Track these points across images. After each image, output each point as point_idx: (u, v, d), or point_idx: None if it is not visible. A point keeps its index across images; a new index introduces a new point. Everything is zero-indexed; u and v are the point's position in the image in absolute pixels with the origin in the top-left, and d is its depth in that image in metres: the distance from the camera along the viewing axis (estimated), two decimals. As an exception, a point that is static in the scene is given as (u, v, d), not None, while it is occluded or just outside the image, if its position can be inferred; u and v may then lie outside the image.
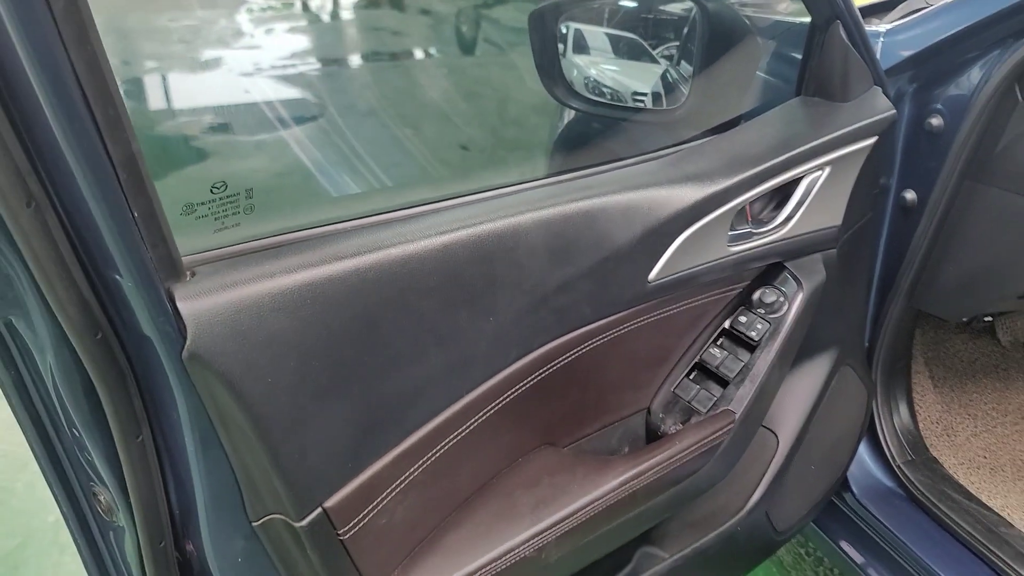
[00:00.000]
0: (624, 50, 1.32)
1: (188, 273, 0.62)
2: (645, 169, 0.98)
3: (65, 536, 1.94)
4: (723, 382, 1.06)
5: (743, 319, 1.07)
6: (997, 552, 1.34)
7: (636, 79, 1.32)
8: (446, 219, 0.80)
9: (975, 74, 1.27)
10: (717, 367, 1.05)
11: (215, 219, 0.68)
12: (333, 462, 0.73)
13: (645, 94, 1.26)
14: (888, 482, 1.53)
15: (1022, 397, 1.90)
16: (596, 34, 1.32)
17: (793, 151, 1.04)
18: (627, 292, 0.94)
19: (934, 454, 1.62)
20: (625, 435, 1.06)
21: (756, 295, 1.08)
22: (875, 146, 1.11)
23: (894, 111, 1.12)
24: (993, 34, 1.22)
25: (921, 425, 1.75)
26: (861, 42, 1.10)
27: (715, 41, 1.15)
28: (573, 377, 0.95)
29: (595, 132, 1.19)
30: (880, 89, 1.15)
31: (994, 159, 1.31)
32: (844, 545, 1.55)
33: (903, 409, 1.59)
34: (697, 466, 1.02)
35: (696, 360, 1.08)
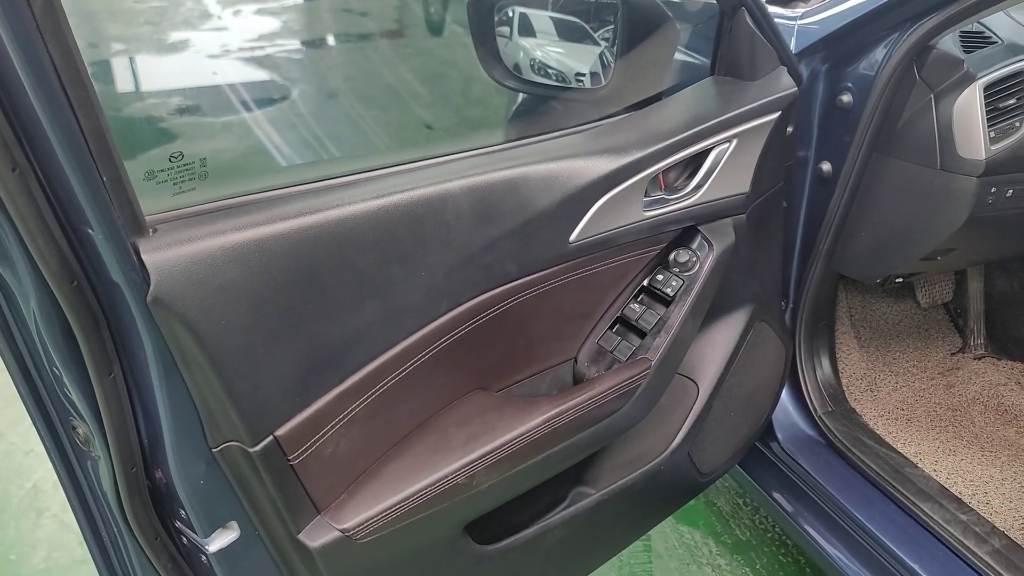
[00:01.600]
0: (559, 32, 1.42)
1: (151, 229, 0.73)
2: (566, 142, 1.10)
3: (42, 501, 2.04)
4: (642, 333, 1.17)
5: (660, 277, 1.19)
6: (902, 490, 1.48)
7: (571, 60, 1.43)
8: (382, 185, 0.91)
9: (879, 54, 1.39)
10: (636, 320, 1.17)
11: (173, 184, 0.78)
12: (282, 396, 0.84)
13: (578, 75, 1.36)
14: (810, 431, 1.66)
15: (940, 354, 2.05)
16: (534, 17, 1.43)
17: (703, 125, 1.15)
18: (550, 251, 1.05)
19: (855, 406, 1.75)
20: (553, 382, 1.18)
21: (672, 255, 1.20)
22: (779, 120, 1.23)
23: (796, 89, 1.24)
24: (892, 18, 1.34)
25: (846, 380, 1.89)
26: (766, 26, 1.22)
27: (636, 27, 1.26)
28: (503, 328, 1.06)
29: (529, 107, 1.30)
30: (785, 68, 1.26)
31: (897, 132, 1.44)
32: (775, 494, 1.68)
33: (825, 364, 1.72)
34: (616, 407, 1.14)
35: (618, 314, 1.19)
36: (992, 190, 1.40)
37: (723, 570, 1.82)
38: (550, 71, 1.47)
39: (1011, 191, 1.41)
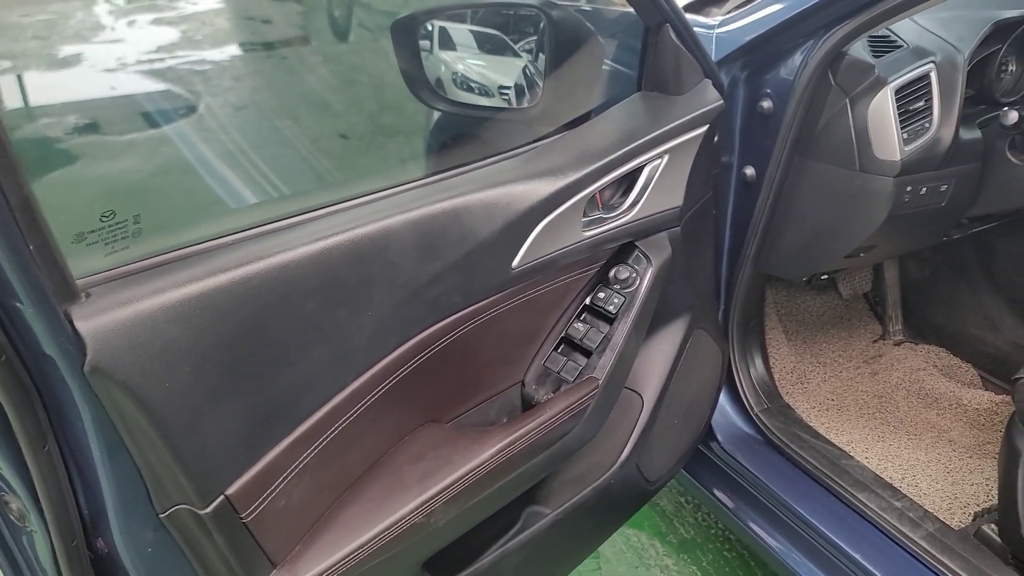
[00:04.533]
0: (487, 52, 1.41)
1: (83, 294, 0.69)
2: (503, 167, 1.09)
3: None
4: (587, 352, 1.18)
5: (601, 295, 1.19)
6: (839, 481, 1.53)
7: (497, 81, 1.42)
8: (323, 226, 0.88)
9: (796, 61, 1.42)
10: (581, 339, 1.18)
11: (105, 244, 0.74)
12: (231, 453, 0.81)
13: (505, 95, 1.35)
14: (748, 430, 1.70)
15: (863, 343, 2.13)
16: (461, 36, 1.41)
17: (634, 143, 1.16)
18: (493, 279, 1.04)
19: (788, 400, 1.80)
20: (503, 407, 1.17)
21: (612, 272, 1.20)
22: (707, 133, 1.25)
23: (722, 102, 1.26)
24: (807, 26, 1.38)
25: (778, 375, 1.94)
26: (690, 41, 1.24)
27: (561, 46, 1.26)
28: (450, 359, 1.05)
29: (462, 130, 1.28)
30: (710, 82, 1.28)
31: (816, 136, 1.48)
32: (716, 492, 1.72)
33: (758, 363, 1.76)
34: (567, 428, 1.14)
35: (563, 335, 1.19)
36: (908, 188, 1.45)
37: (671, 570, 1.85)
38: (479, 92, 1.46)
39: (924, 188, 1.47)
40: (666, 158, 1.20)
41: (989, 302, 1.98)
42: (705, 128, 1.25)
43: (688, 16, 1.64)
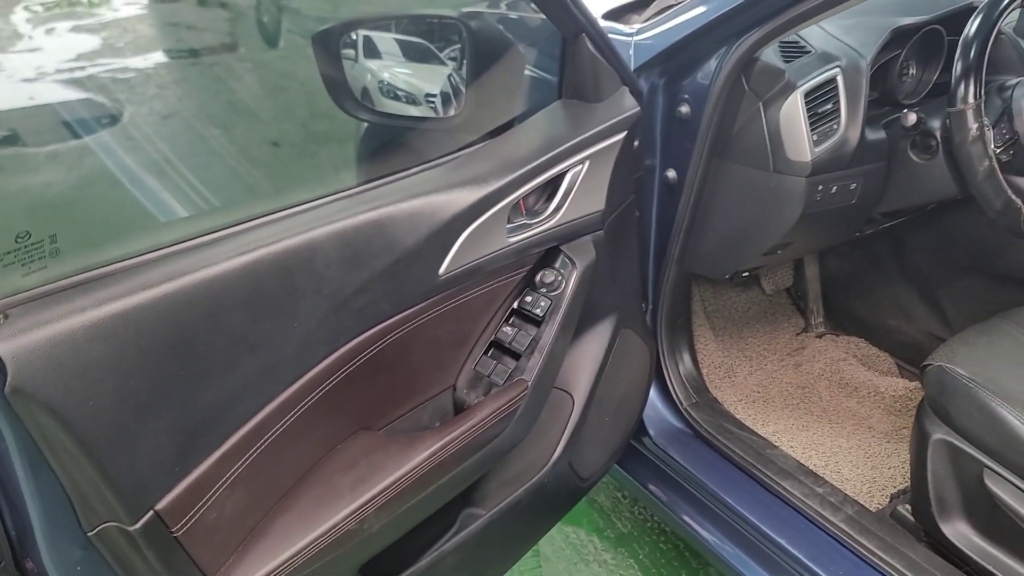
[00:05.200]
0: (413, 60, 1.43)
1: (1, 315, 0.69)
2: (428, 176, 1.11)
3: None
4: (516, 355, 1.21)
5: (528, 299, 1.22)
6: (764, 471, 1.59)
7: (423, 89, 1.44)
8: (248, 239, 0.89)
9: (711, 67, 1.48)
10: (510, 343, 1.20)
11: (22, 264, 0.74)
12: (160, 468, 0.81)
13: (432, 102, 1.37)
14: (678, 424, 1.76)
15: (787, 336, 2.20)
16: (386, 45, 1.43)
17: (556, 150, 1.20)
18: (420, 287, 1.06)
19: (716, 394, 1.86)
20: (435, 412, 1.19)
21: (538, 277, 1.23)
22: (626, 139, 1.30)
23: (638, 109, 1.31)
24: (719, 33, 1.44)
25: (706, 370, 2.00)
26: (607, 50, 1.28)
27: (482, 56, 1.28)
28: (381, 366, 1.06)
29: (387, 140, 1.30)
30: (627, 89, 1.33)
31: (733, 139, 1.54)
32: (650, 486, 1.77)
33: (687, 359, 1.82)
34: (498, 430, 1.17)
35: (492, 339, 1.22)
36: (819, 188, 1.52)
37: (609, 565, 1.90)
38: (405, 101, 1.48)
39: (835, 187, 1.54)
40: (587, 164, 1.24)
41: (903, 293, 2.08)
42: (623, 134, 1.29)
43: (608, 23, 1.70)
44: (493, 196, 1.11)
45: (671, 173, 1.59)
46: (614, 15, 1.79)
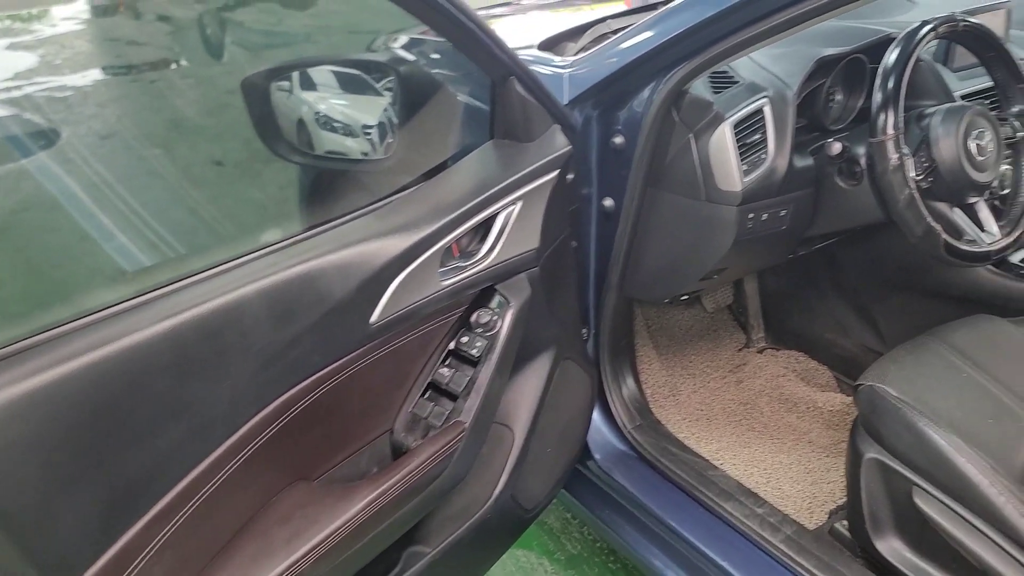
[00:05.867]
0: (344, 104, 1.43)
1: None
2: (358, 225, 1.12)
3: None
4: (453, 396, 1.22)
5: (464, 339, 1.23)
6: (706, 492, 1.62)
7: (354, 133, 1.44)
8: (173, 303, 0.89)
9: (642, 100, 1.51)
10: (447, 384, 1.21)
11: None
12: (85, 539, 0.80)
13: (361, 147, 1.37)
14: (622, 447, 1.78)
15: (729, 352, 2.25)
16: (322, 77, 1.43)
17: (488, 192, 1.21)
18: (352, 336, 1.07)
19: (661, 414, 1.90)
20: (373, 457, 1.20)
21: (474, 317, 1.25)
22: (559, 176, 1.31)
23: (570, 147, 1.33)
24: (649, 68, 1.46)
25: (650, 390, 2.03)
26: (537, 90, 1.30)
27: (413, 100, 1.29)
28: (315, 417, 1.07)
29: (319, 187, 1.30)
30: (559, 127, 1.35)
31: (666, 169, 1.57)
32: (596, 509, 1.79)
33: (630, 382, 1.84)
34: (437, 472, 1.17)
35: (429, 380, 1.23)
36: (750, 216, 1.55)
37: (560, 587, 1.92)
38: (335, 145, 1.48)
39: (766, 215, 1.58)
40: (520, 204, 1.25)
41: (838, 309, 2.13)
42: (555, 172, 1.31)
43: (544, 55, 1.72)
44: (425, 242, 1.12)
45: (608, 202, 1.62)
46: (550, 44, 1.82)
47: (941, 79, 1.72)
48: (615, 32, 1.89)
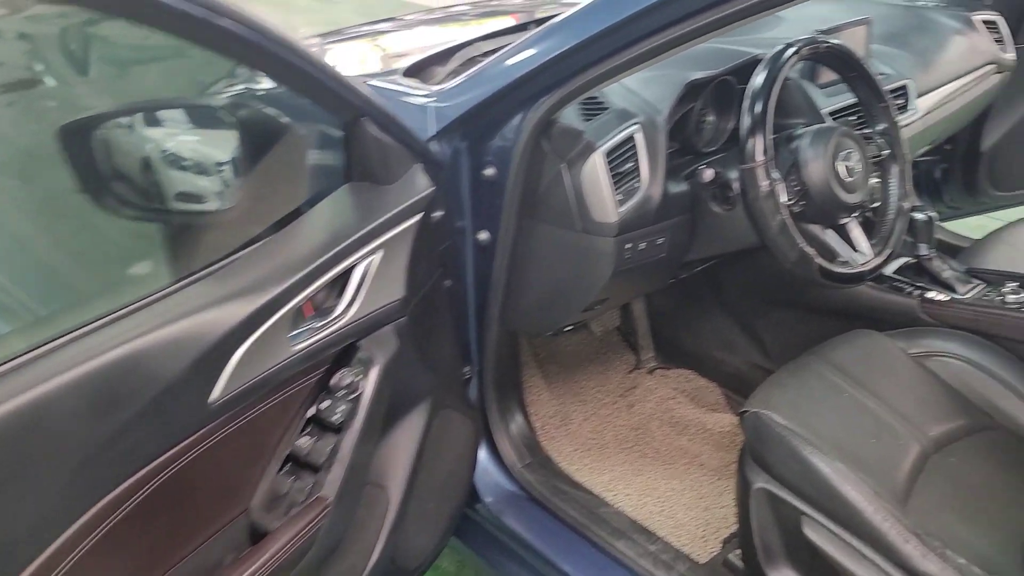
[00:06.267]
0: (180, 151, 1.31)
1: None
2: (194, 292, 1.00)
3: None
4: (316, 468, 1.12)
5: (325, 405, 1.14)
6: (598, 532, 1.57)
7: (193, 183, 1.32)
8: None
9: (512, 130, 1.44)
10: (307, 456, 1.11)
11: None
12: None
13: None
14: (512, 487, 1.71)
15: (619, 375, 2.22)
16: (151, 131, 1.30)
17: (343, 243, 1.12)
18: (191, 418, 0.96)
19: (549, 449, 1.84)
20: (229, 542, 1.08)
21: (335, 379, 1.15)
22: (422, 220, 1.23)
23: (433, 188, 1.25)
24: (517, 97, 1.40)
25: (540, 422, 1.97)
26: (395, 128, 1.21)
27: (257, 144, 1.18)
28: (156, 508, 0.95)
29: (150, 246, 1.17)
30: (421, 166, 1.26)
31: (540, 200, 1.51)
32: (488, 555, 1.71)
33: (518, 417, 1.78)
34: (303, 551, 1.07)
35: (288, 452, 1.13)
36: (628, 246, 1.51)
37: (456, 635, 1.83)
38: (170, 196, 1.35)
39: (643, 244, 1.54)
40: (380, 253, 1.17)
41: (724, 326, 2.13)
42: (418, 216, 1.22)
43: (409, 82, 1.64)
44: (271, 305, 1.02)
45: (483, 235, 1.55)
46: (416, 70, 1.73)
47: (809, 97, 1.73)
48: (485, 55, 1.84)
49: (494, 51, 1.85)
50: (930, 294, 1.75)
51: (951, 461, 1.45)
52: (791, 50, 1.43)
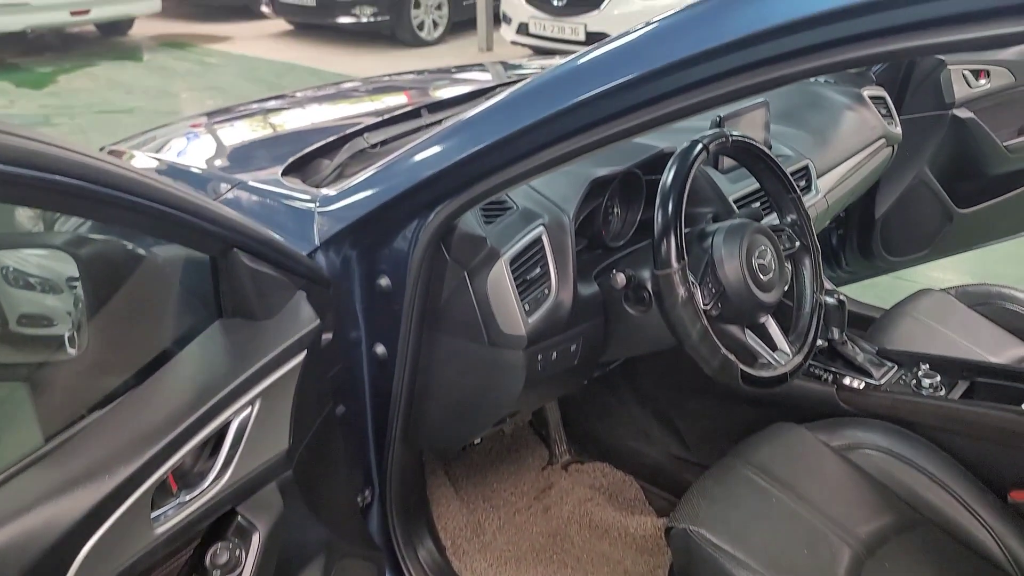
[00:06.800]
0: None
1: None
2: (25, 482, 0.82)
3: None
4: None
5: (198, 589, 0.96)
6: None
7: (54, 289, 1.12)
8: None
9: (407, 238, 1.31)
10: None
11: None
12: None
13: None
14: None
15: (533, 473, 2.09)
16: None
17: (215, 397, 0.95)
18: None
19: (463, 568, 1.69)
20: None
21: (208, 557, 0.97)
22: (307, 358, 1.08)
23: (318, 321, 1.10)
24: (411, 204, 1.28)
25: (450, 539, 1.82)
26: (272, 255, 1.06)
27: (106, 285, 1.02)
28: None
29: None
30: (304, 294, 1.12)
31: (442, 311, 1.38)
32: None
33: (427, 542, 1.62)
34: None
35: None
36: (539, 357, 1.40)
37: None
38: (29, 308, 1.16)
39: (555, 353, 1.43)
40: (258, 403, 1.01)
41: (639, 415, 2.04)
42: (302, 355, 1.07)
43: (289, 183, 1.49)
44: (127, 485, 0.85)
45: (380, 348, 1.40)
46: (297, 166, 1.58)
47: (715, 185, 1.67)
48: (373, 147, 1.71)
49: (384, 143, 1.73)
50: (846, 380, 1.70)
51: (885, 566, 1.38)
52: (699, 146, 1.36)
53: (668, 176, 1.34)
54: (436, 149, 1.26)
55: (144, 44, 8.80)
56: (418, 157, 1.28)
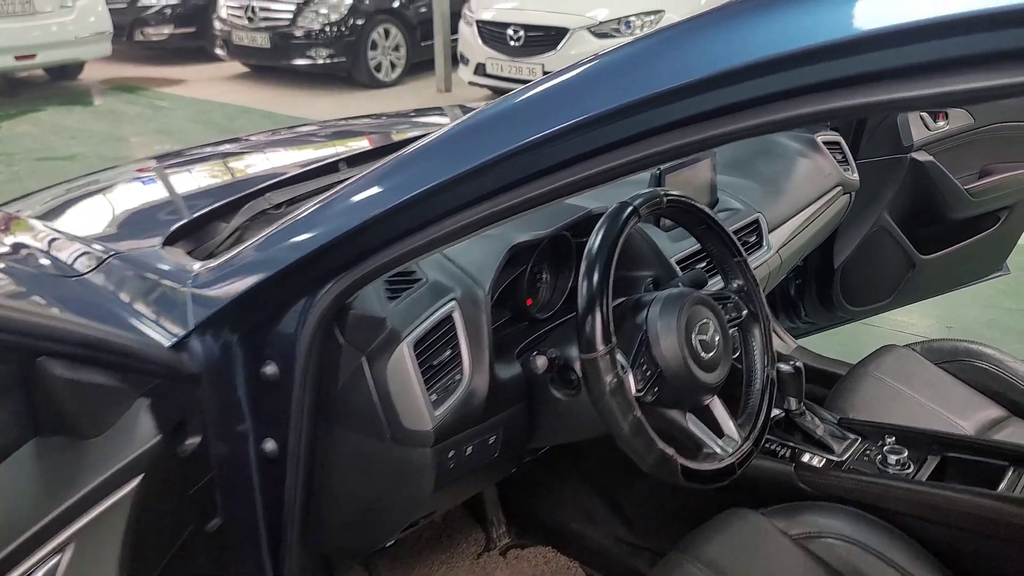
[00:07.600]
0: None
1: None
2: None
3: None
4: None
5: None
6: None
7: None
8: None
9: (293, 320, 1.13)
10: None
11: None
12: None
13: None
14: None
15: (467, 562, 1.89)
16: None
17: (15, 541, 0.76)
18: None
19: None
20: None
21: None
22: (144, 480, 0.89)
23: (159, 436, 0.91)
24: (294, 283, 1.10)
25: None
26: (103, 357, 0.87)
27: None
28: None
29: None
30: (146, 401, 0.93)
31: (338, 401, 1.20)
32: None
33: None
34: None
35: None
36: (451, 454, 1.22)
37: None
38: None
39: (470, 448, 1.25)
40: (71, 547, 0.81)
41: (582, 495, 1.86)
42: (140, 478, 0.88)
43: (169, 256, 1.31)
44: None
45: (269, 444, 1.21)
46: (178, 237, 1.40)
47: (655, 246, 1.51)
48: (277, 207, 1.54)
49: (290, 202, 1.56)
50: (805, 457, 1.54)
51: None
52: (629, 209, 1.20)
53: (594, 242, 1.18)
54: (327, 214, 1.08)
55: (94, 88, 8.58)
56: (306, 224, 1.11)
